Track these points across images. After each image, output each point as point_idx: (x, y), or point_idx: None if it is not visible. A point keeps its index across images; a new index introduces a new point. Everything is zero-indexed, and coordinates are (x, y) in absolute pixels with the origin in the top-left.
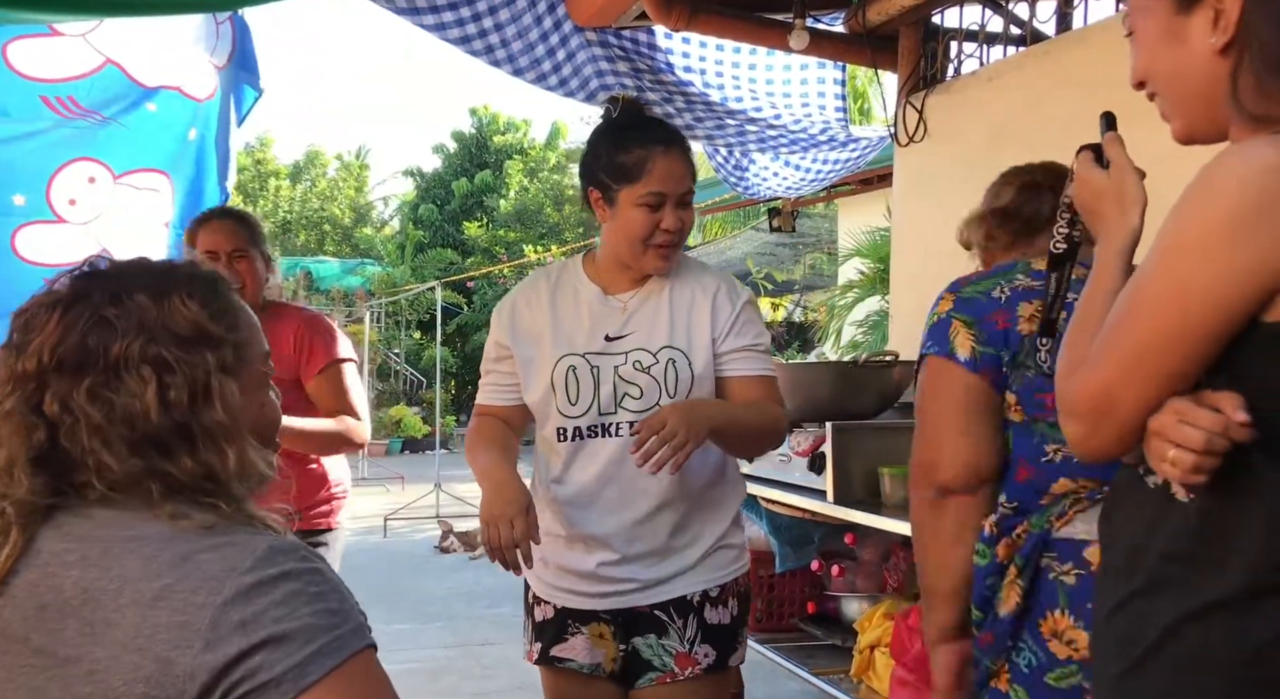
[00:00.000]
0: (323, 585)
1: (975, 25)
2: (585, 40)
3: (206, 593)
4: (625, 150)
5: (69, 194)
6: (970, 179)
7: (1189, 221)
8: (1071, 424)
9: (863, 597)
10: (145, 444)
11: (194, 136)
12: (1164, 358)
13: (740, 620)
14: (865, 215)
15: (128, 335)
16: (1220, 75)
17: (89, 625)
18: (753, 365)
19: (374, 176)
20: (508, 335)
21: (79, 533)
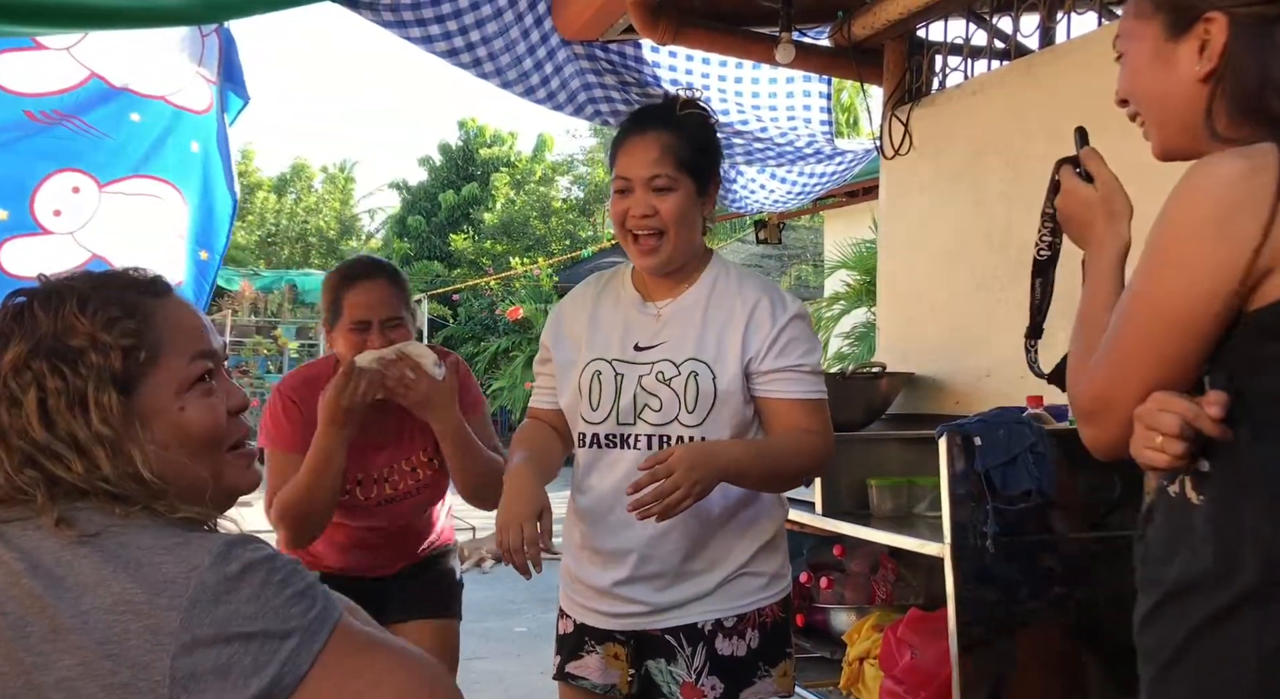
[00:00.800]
0: (283, 569)
1: (960, 39)
2: (573, 53)
3: (170, 596)
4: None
5: (53, 205)
6: (955, 191)
7: (1169, 229)
8: (1083, 426)
9: (851, 608)
10: (35, 454)
11: (197, 150)
12: (1157, 355)
13: (762, 654)
14: (851, 227)
15: (14, 346)
16: (1200, 100)
17: (53, 632)
18: (792, 388)
19: (360, 189)
20: (550, 338)
21: (29, 544)
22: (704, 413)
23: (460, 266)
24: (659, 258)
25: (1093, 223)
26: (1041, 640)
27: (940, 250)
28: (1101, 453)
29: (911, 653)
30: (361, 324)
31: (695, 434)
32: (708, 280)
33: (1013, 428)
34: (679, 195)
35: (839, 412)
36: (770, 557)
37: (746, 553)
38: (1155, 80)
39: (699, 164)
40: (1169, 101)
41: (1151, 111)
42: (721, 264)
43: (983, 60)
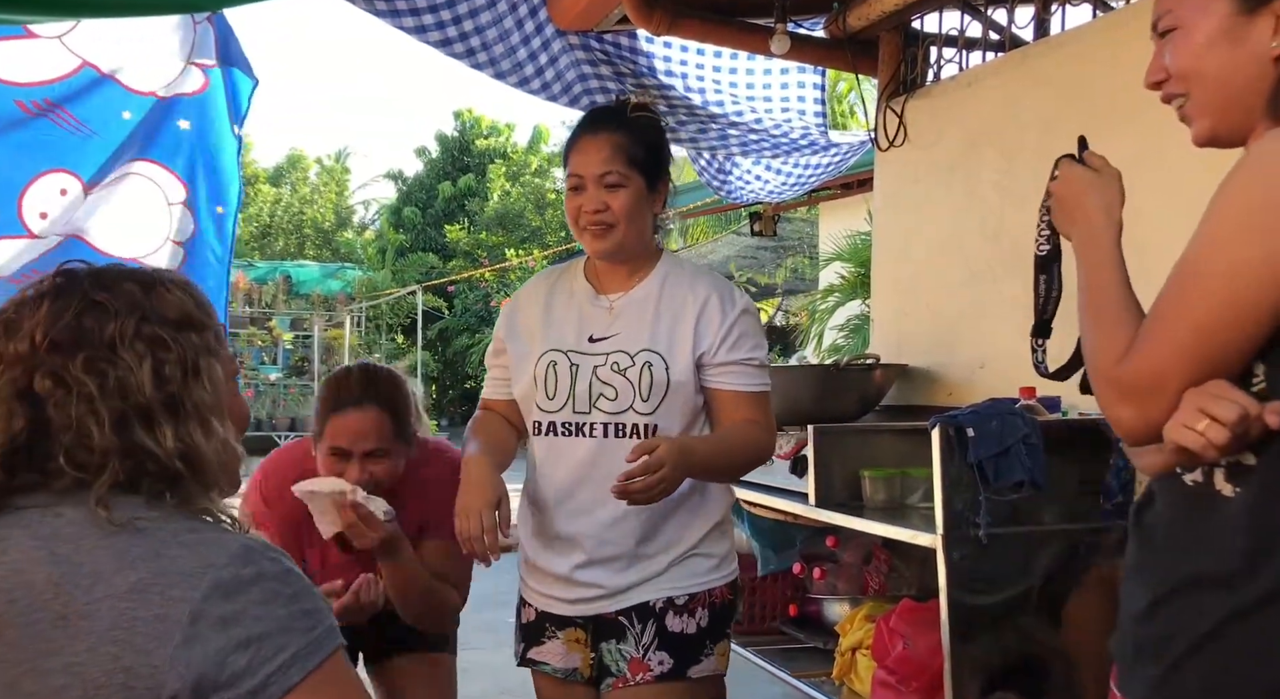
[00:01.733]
0: (296, 585)
1: (955, 31)
2: (568, 44)
3: (184, 587)
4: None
5: (40, 207)
6: (950, 182)
7: (1237, 202)
8: (1123, 408)
9: (844, 599)
10: (132, 417)
11: (186, 126)
12: (1219, 337)
13: (710, 633)
14: (846, 220)
15: (121, 315)
16: (1268, 79)
17: (62, 619)
18: (742, 380)
19: (355, 180)
20: (505, 330)
21: (47, 531)
22: (657, 401)
23: (455, 258)
24: (609, 242)
25: (1085, 204)
26: (1033, 631)
27: (934, 242)
28: (1139, 435)
29: (904, 643)
30: (340, 452)
31: (649, 422)
32: (659, 275)
33: (1005, 419)
34: (629, 191)
35: (832, 403)
36: (720, 539)
37: (697, 535)
38: (1219, 58)
39: (648, 162)
40: (1235, 81)
41: (1210, 93)
42: (673, 261)
43: (977, 52)
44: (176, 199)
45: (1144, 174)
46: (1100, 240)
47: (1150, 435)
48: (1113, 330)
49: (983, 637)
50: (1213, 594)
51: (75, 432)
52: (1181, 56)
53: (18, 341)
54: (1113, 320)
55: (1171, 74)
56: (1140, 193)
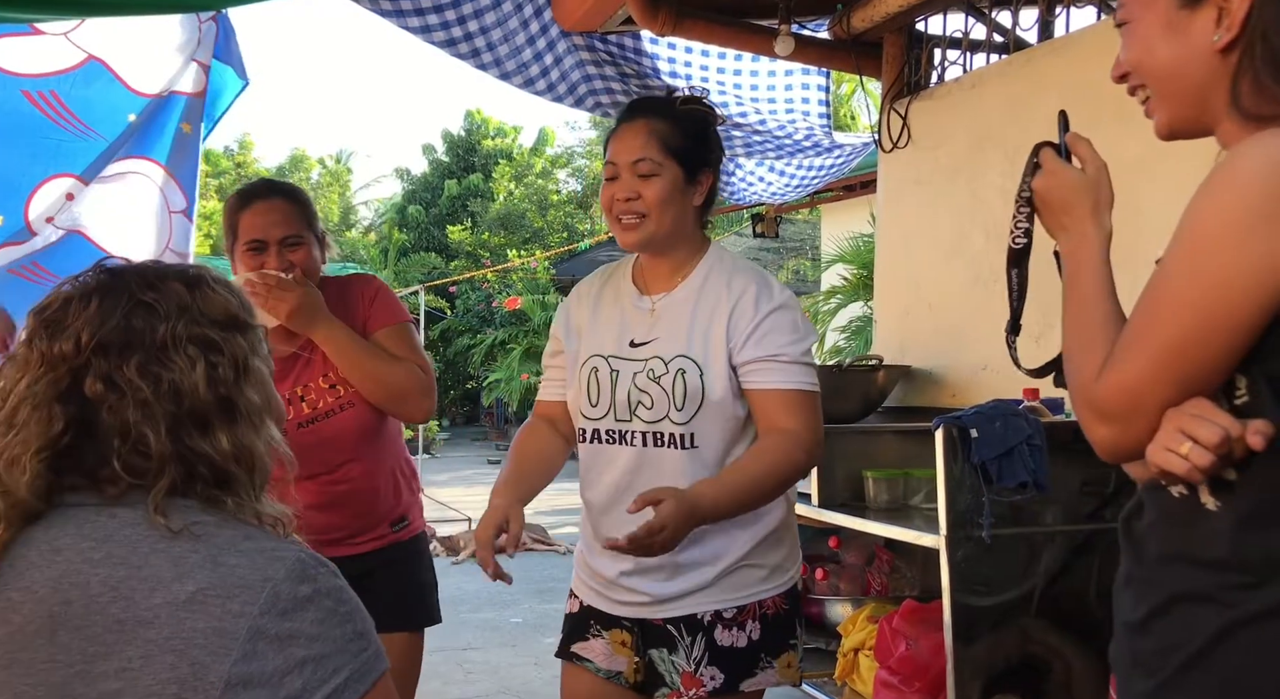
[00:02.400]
0: (349, 605)
1: (959, 33)
2: (572, 44)
3: (243, 601)
4: None
5: (46, 212)
6: (954, 184)
7: (1213, 214)
8: (1101, 427)
9: (846, 600)
10: (187, 421)
11: (190, 131)
12: (1196, 353)
13: (763, 645)
14: (848, 221)
15: (170, 317)
16: (1219, 73)
17: (119, 623)
18: (771, 378)
19: (358, 180)
20: (561, 329)
21: (101, 532)
22: (692, 411)
23: (458, 258)
24: (639, 235)
25: (1075, 208)
26: (1036, 632)
27: (938, 244)
28: (1117, 455)
29: (906, 644)
30: (256, 244)
31: (685, 431)
32: (701, 272)
33: (1009, 420)
34: (663, 180)
35: (836, 404)
36: (772, 549)
37: (747, 546)
38: (1166, 51)
39: (689, 152)
40: (1182, 75)
41: (1162, 86)
42: (717, 255)
43: (981, 54)
44: (178, 207)
45: (1148, 176)
46: (1089, 249)
47: (1129, 455)
48: (1092, 346)
49: (985, 638)
50: (1204, 608)
51: (131, 437)
52: (1132, 50)
53: (62, 342)
54: (1093, 336)
55: (1127, 68)
56: (1144, 195)
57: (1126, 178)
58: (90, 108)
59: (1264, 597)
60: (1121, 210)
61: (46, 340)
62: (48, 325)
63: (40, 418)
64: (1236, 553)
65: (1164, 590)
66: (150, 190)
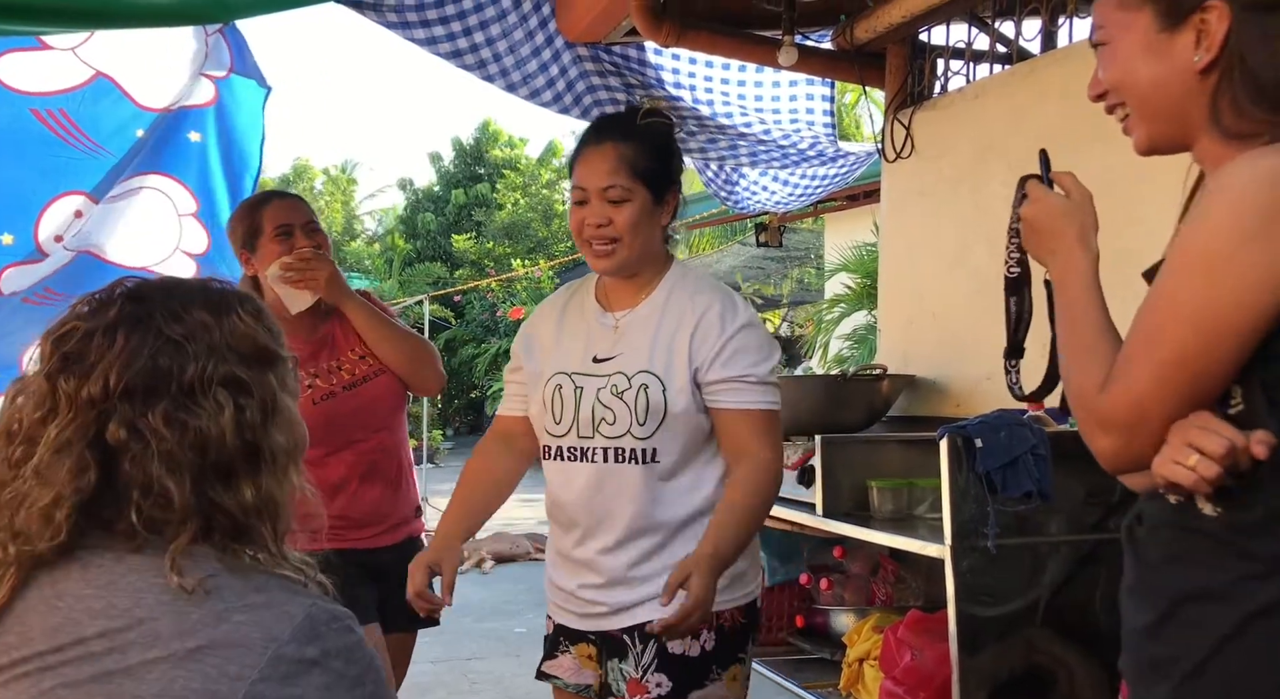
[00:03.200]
0: (360, 664)
1: (962, 43)
2: (577, 56)
3: (240, 664)
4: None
5: (55, 231)
6: (957, 194)
7: (1210, 230)
8: (1104, 439)
9: (851, 610)
10: (211, 473)
11: (197, 139)
12: (1199, 366)
13: (717, 657)
14: (852, 231)
15: (200, 358)
16: (1199, 92)
17: (106, 676)
18: (741, 398)
19: (362, 190)
20: (522, 348)
21: (105, 579)
22: (654, 426)
23: (463, 268)
24: (614, 260)
25: (1062, 232)
26: (1041, 642)
27: (941, 253)
28: (1120, 466)
29: (912, 654)
30: (284, 229)
31: (647, 446)
32: (665, 289)
33: (1013, 430)
34: (634, 206)
35: (840, 414)
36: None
37: None
38: (1146, 72)
39: (655, 174)
40: (1163, 94)
41: (1142, 104)
42: (680, 272)
43: (985, 64)
44: (186, 210)
45: (1149, 187)
46: (1078, 271)
47: (1131, 465)
48: (1092, 362)
49: (990, 648)
50: (1215, 606)
51: (153, 490)
52: (1111, 69)
53: (90, 384)
54: (1092, 352)
55: (1107, 87)
56: (1145, 207)
57: (1127, 189)
58: (98, 125)
59: (1275, 587)
60: (1122, 222)
61: (74, 381)
62: (69, 360)
63: (71, 466)
64: (1243, 551)
65: (1170, 593)
66: (159, 200)
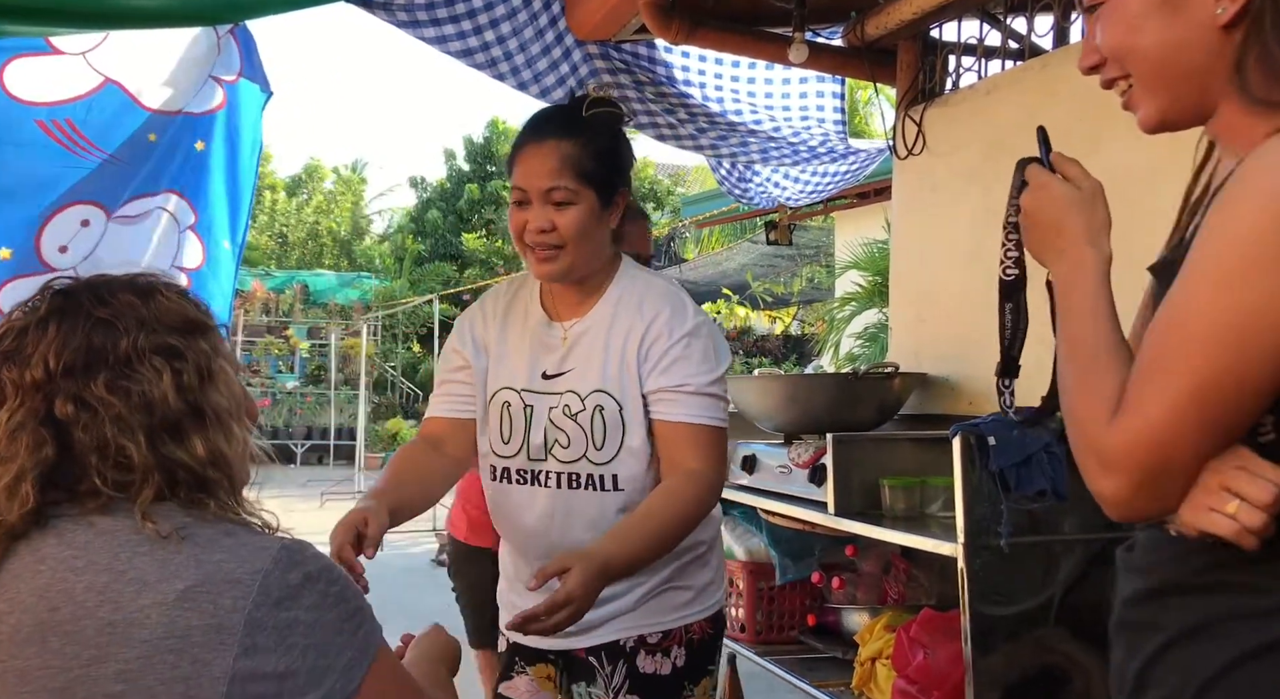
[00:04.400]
0: (339, 583)
1: (974, 39)
2: (586, 53)
3: (235, 596)
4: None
5: (60, 241)
6: (969, 191)
7: (1238, 237)
8: (1110, 481)
9: (863, 608)
10: (161, 431)
11: (202, 148)
12: (1228, 394)
13: (688, 673)
14: (862, 228)
15: (131, 331)
16: (1221, 51)
17: (110, 626)
18: (676, 411)
19: (372, 189)
20: (467, 343)
21: (82, 540)
22: (613, 450)
23: (473, 266)
24: (556, 267)
25: (1068, 227)
26: (1054, 642)
27: (953, 250)
28: (1133, 514)
29: (924, 653)
30: None
31: (605, 472)
32: (613, 296)
33: (1027, 428)
34: (579, 209)
35: (851, 412)
36: (697, 571)
37: (668, 567)
38: (1157, 30)
39: (602, 174)
40: (1178, 58)
41: (1152, 72)
42: (629, 276)
43: (997, 60)
44: (186, 224)
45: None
46: (1086, 275)
47: (1146, 513)
48: (1097, 387)
49: (1003, 647)
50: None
51: (110, 452)
52: (1112, 33)
53: (31, 369)
54: (1099, 374)
55: (1105, 55)
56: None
57: (1139, 185)
58: (107, 134)
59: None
60: (1134, 220)
61: (16, 369)
62: (9, 356)
63: (29, 443)
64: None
65: (1177, 623)
66: (168, 222)
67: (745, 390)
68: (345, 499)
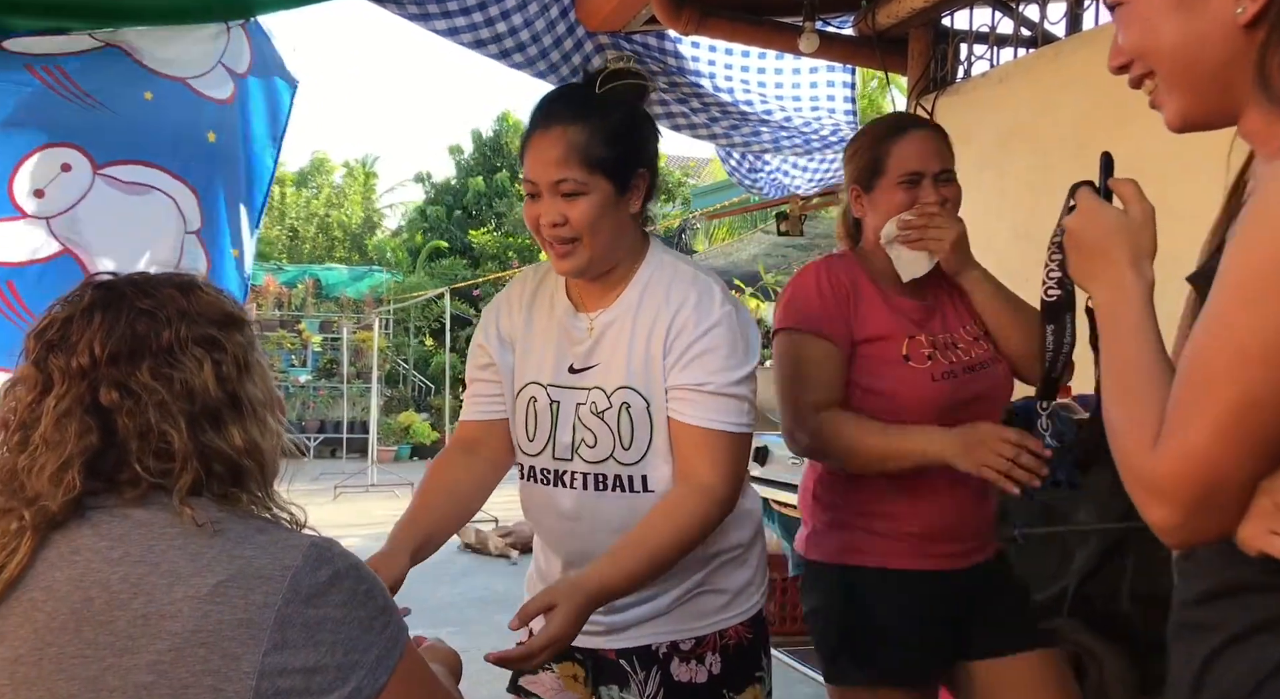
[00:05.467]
0: (368, 581)
1: (985, 27)
2: (598, 44)
3: (265, 592)
4: None
5: (35, 184)
6: (981, 181)
7: (1262, 250)
8: (1160, 509)
9: None
10: (202, 418)
11: (214, 140)
12: (1268, 415)
13: (725, 679)
14: None
15: (173, 322)
16: (1242, 51)
17: (143, 618)
18: (692, 413)
19: (383, 183)
20: (493, 340)
21: (118, 532)
22: (642, 449)
23: (484, 261)
24: (576, 262)
25: (1111, 252)
26: (1068, 632)
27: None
28: (1188, 542)
29: None
30: (913, 176)
31: (633, 473)
32: (639, 284)
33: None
34: (591, 199)
35: None
36: (733, 572)
37: (703, 570)
38: (1177, 29)
39: (614, 159)
40: (1198, 56)
41: (1172, 71)
42: (657, 261)
43: (1009, 48)
44: (193, 227)
45: (1188, 177)
46: (1129, 301)
47: (1202, 539)
48: (1142, 415)
49: None
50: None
51: (152, 438)
52: (1132, 32)
53: (77, 357)
54: (1142, 402)
55: (1129, 55)
56: (1183, 200)
57: (1161, 179)
58: (101, 86)
59: None
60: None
61: (63, 358)
62: (54, 346)
63: (76, 430)
64: None
65: (1228, 629)
66: (169, 212)
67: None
68: (358, 492)
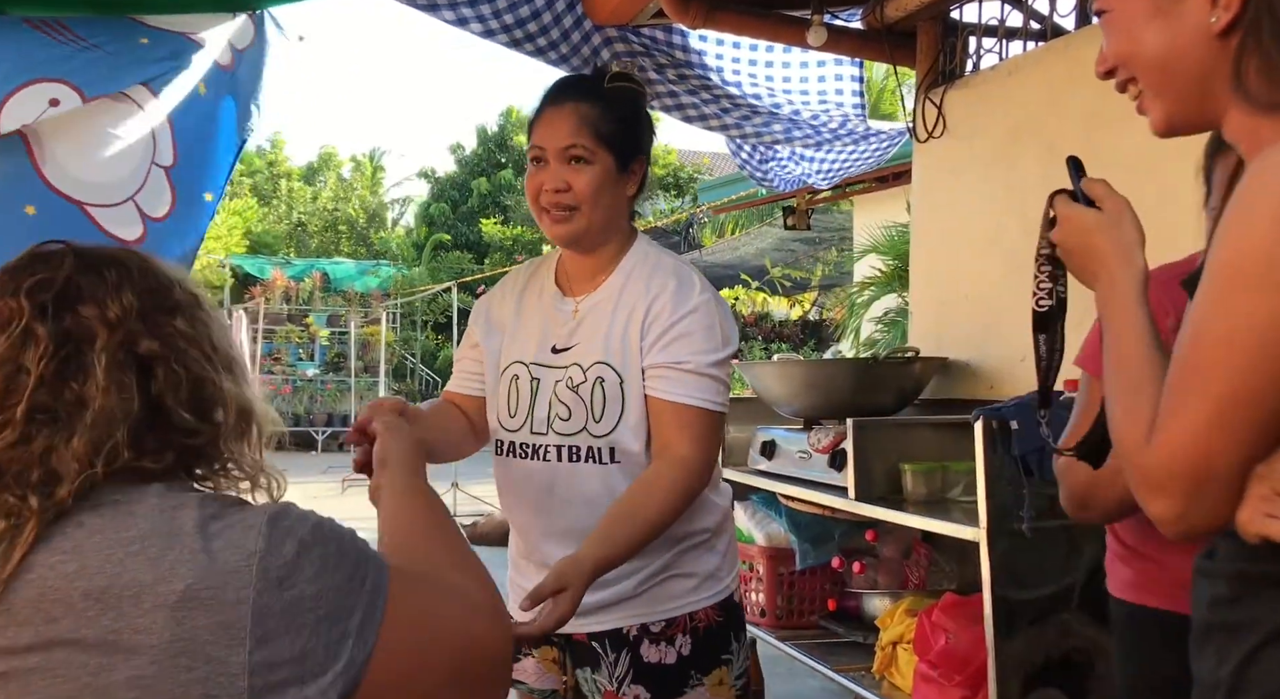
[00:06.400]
0: (333, 538)
1: (995, 20)
2: (607, 37)
3: (235, 588)
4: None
5: (21, 119)
6: (990, 174)
7: (1253, 239)
8: (1160, 500)
9: (884, 593)
10: (226, 372)
11: (205, 93)
12: (1255, 403)
13: (695, 662)
14: (881, 212)
15: (171, 282)
16: (1219, 58)
17: (113, 633)
18: (671, 389)
19: (389, 178)
20: (480, 326)
21: (69, 545)
22: (612, 422)
23: (491, 255)
24: (571, 227)
25: (1097, 250)
26: (1077, 626)
27: (974, 234)
28: (1190, 531)
29: (946, 637)
30: None
31: (604, 444)
32: (624, 270)
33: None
34: (595, 170)
35: (872, 397)
36: (702, 557)
37: (669, 552)
38: (1155, 38)
39: (620, 138)
40: (1177, 63)
41: (1154, 77)
42: (642, 251)
43: (1018, 41)
44: (163, 162)
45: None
46: (1120, 295)
47: (1201, 530)
48: (1137, 407)
49: (1026, 631)
50: None
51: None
52: (1115, 40)
53: (111, 307)
54: (1138, 392)
55: (1114, 62)
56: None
57: (1168, 170)
58: (97, 32)
59: None
60: (1164, 199)
61: (95, 307)
62: (73, 300)
63: (123, 385)
64: None
65: (1261, 629)
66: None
67: (765, 376)
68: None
